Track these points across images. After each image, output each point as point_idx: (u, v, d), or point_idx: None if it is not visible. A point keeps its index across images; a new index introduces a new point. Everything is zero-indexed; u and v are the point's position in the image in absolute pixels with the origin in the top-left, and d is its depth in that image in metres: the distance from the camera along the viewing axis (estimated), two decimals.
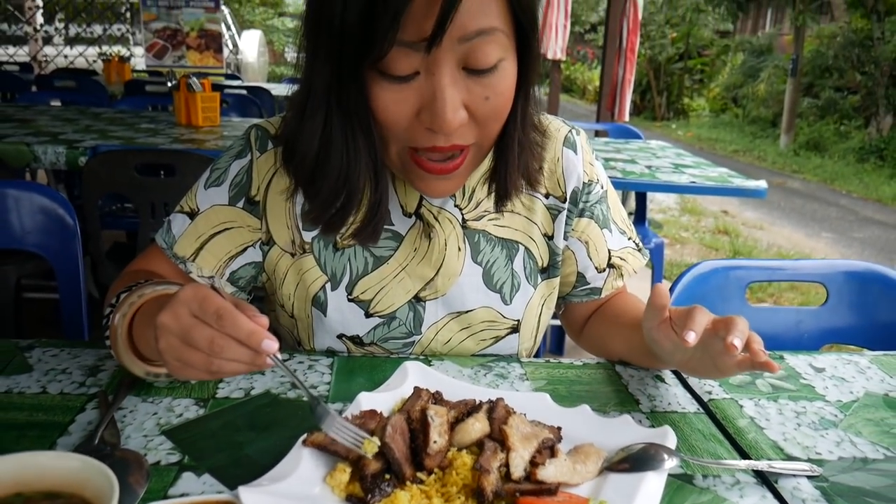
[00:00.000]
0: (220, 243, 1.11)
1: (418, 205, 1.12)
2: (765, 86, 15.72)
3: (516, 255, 1.17)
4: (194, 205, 1.12)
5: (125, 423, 0.89)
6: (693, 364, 0.97)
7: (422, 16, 0.83)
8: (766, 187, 2.83)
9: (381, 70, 0.88)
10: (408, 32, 0.84)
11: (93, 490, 0.67)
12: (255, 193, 1.11)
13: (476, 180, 1.14)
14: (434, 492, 0.76)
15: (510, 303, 1.17)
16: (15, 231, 1.71)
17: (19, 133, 2.95)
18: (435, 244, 1.13)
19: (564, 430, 0.89)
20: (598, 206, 1.22)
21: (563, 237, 1.20)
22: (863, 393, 1.09)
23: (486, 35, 0.88)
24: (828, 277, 1.49)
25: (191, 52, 7.82)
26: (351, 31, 0.85)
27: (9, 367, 1.01)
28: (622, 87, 4.66)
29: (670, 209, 8.22)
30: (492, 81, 0.91)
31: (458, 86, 0.89)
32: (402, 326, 1.15)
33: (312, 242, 1.13)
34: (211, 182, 1.13)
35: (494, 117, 0.95)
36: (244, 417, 0.92)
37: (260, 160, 1.11)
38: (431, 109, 0.89)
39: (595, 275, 1.24)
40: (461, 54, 0.88)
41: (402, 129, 0.93)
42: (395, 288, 1.13)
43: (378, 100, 0.90)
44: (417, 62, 0.87)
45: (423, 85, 0.89)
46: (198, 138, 3.08)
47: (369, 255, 1.13)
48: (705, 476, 0.85)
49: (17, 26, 10.32)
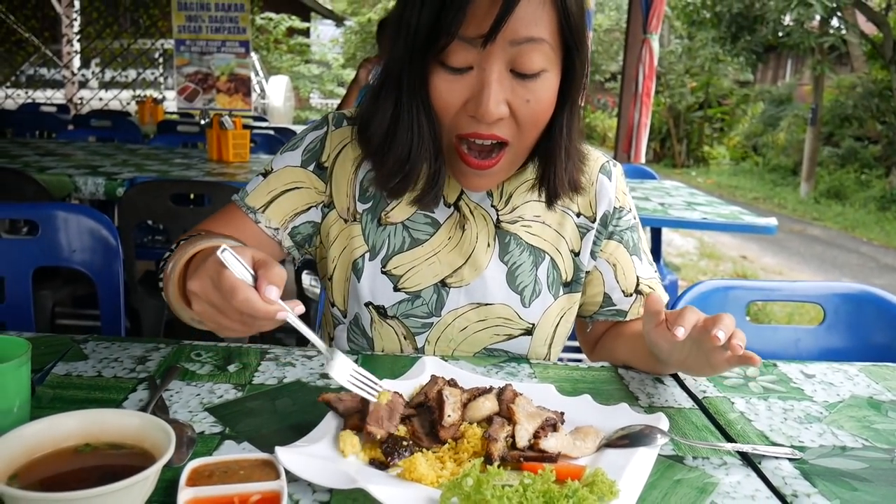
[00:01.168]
0: (290, 199, 1.25)
1: (458, 198, 1.25)
2: (785, 134, 15.80)
3: (542, 264, 1.28)
4: (269, 167, 1.28)
5: (172, 401, 1.00)
6: (690, 361, 1.07)
7: (482, 16, 1.00)
8: (776, 224, 2.91)
9: (443, 62, 1.05)
10: (469, 28, 1.01)
11: (151, 441, 0.77)
12: (325, 160, 1.26)
13: (515, 187, 1.27)
14: (448, 458, 0.85)
15: (528, 306, 1.27)
16: (63, 249, 1.83)
17: (61, 165, 3.12)
18: (467, 236, 1.25)
19: (567, 416, 0.98)
20: (629, 233, 1.32)
21: (591, 256, 1.31)
22: (849, 395, 1.17)
23: (534, 43, 1.03)
24: (824, 298, 1.57)
25: (220, 95, 8.09)
26: (424, 24, 1.03)
27: (67, 356, 1.13)
28: (638, 131, 4.79)
29: (689, 253, 8.27)
30: (534, 87, 1.06)
31: (503, 84, 1.05)
32: (424, 306, 1.25)
33: (363, 214, 1.26)
34: (287, 148, 1.29)
35: (533, 121, 1.09)
36: (279, 400, 1.02)
37: (334, 133, 1.27)
38: (478, 99, 1.05)
39: (621, 297, 1.32)
40: (510, 56, 1.04)
41: (450, 116, 1.09)
42: (425, 269, 1.25)
43: (435, 87, 1.07)
44: (472, 57, 1.04)
45: (474, 78, 1.05)
46: (228, 172, 3.22)
47: (407, 236, 1.25)
48: (695, 457, 0.93)
49: (55, 70, 10.71)
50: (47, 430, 0.77)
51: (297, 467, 0.79)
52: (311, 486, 0.80)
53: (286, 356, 1.18)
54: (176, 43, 8.01)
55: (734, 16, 13.49)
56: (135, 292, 2.83)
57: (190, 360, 1.14)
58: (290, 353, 1.19)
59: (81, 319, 3.84)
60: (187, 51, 8.02)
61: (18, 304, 1.78)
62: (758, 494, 0.85)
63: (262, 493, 0.75)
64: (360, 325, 1.28)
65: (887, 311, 1.56)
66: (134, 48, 10.36)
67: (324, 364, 1.05)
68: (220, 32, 7.97)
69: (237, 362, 1.14)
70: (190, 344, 1.20)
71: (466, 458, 0.85)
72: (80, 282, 2.79)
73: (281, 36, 16.44)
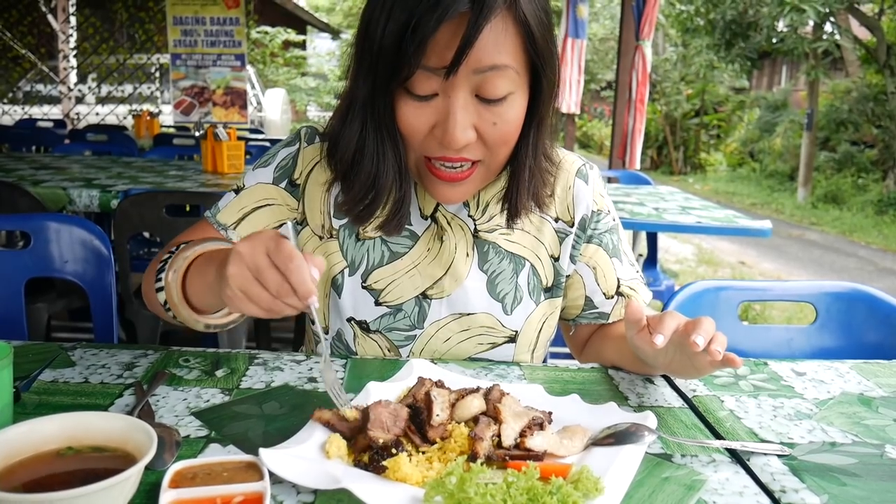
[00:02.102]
0: (260, 217, 1.25)
1: (434, 209, 1.25)
2: (781, 140, 15.84)
3: (522, 270, 1.27)
4: (241, 183, 1.27)
5: (159, 406, 0.99)
6: (675, 366, 1.07)
7: (443, 47, 0.99)
8: (771, 226, 2.91)
9: (408, 89, 1.04)
10: (431, 59, 1.00)
11: (134, 444, 0.77)
12: (298, 177, 1.26)
13: (491, 196, 1.26)
14: (436, 458, 0.85)
15: (510, 313, 1.27)
16: (55, 260, 1.83)
17: (55, 179, 3.12)
18: (446, 247, 1.24)
19: (555, 415, 0.98)
20: (608, 236, 1.32)
21: (571, 260, 1.30)
22: (840, 392, 1.16)
23: (498, 70, 1.03)
24: (816, 298, 1.57)
25: (216, 108, 8.10)
26: (386, 54, 1.02)
27: (54, 363, 1.12)
28: (633, 137, 4.81)
29: (687, 260, 8.28)
30: (500, 110, 1.06)
31: (468, 110, 1.04)
32: (406, 319, 1.25)
33: (339, 230, 1.26)
34: (259, 165, 1.28)
35: (502, 141, 1.09)
36: (266, 404, 1.02)
37: (306, 150, 1.26)
38: (444, 127, 1.04)
39: (603, 300, 1.32)
40: (475, 83, 1.03)
41: (418, 141, 1.08)
42: (406, 282, 1.24)
43: (402, 114, 1.06)
44: (437, 85, 1.03)
45: (440, 105, 1.05)
46: (223, 183, 3.23)
47: (386, 249, 1.24)
48: (683, 455, 0.93)
49: (52, 86, 10.74)
50: (29, 433, 0.76)
51: (280, 468, 0.79)
52: (295, 487, 0.80)
53: (274, 361, 1.17)
54: (172, 57, 8.02)
55: (728, 23, 13.54)
56: (130, 304, 2.83)
57: (178, 365, 1.14)
58: (279, 358, 1.19)
59: (78, 332, 3.83)
60: (183, 65, 8.03)
61: (11, 317, 1.78)
62: (746, 491, 0.84)
63: (245, 495, 0.75)
64: (343, 340, 1.27)
65: (879, 309, 1.55)
66: (130, 63, 10.39)
67: (319, 364, 1.06)
68: (215, 46, 7.99)
69: (225, 367, 1.14)
70: (178, 350, 1.20)
71: (454, 458, 0.85)
72: (76, 294, 2.79)
73: (277, 49, 16.48)
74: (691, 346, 0.95)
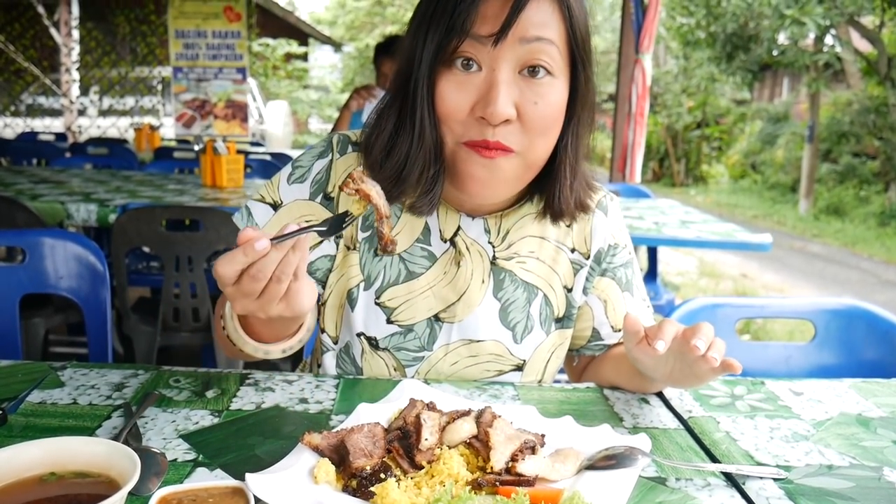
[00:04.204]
0: None
1: (455, 233, 1.23)
2: (783, 152, 15.83)
3: (534, 300, 1.26)
4: (277, 197, 1.24)
5: (147, 428, 0.98)
6: (675, 375, 1.06)
7: (493, 15, 1.03)
8: (771, 241, 2.90)
9: (452, 63, 1.06)
10: (481, 27, 1.04)
11: (118, 470, 0.75)
12: (332, 190, 1.24)
13: (513, 223, 1.25)
14: (424, 483, 0.84)
15: (520, 342, 1.25)
16: (50, 276, 1.82)
17: (54, 193, 3.11)
18: (462, 273, 1.23)
19: (547, 438, 0.96)
20: (622, 270, 1.31)
21: (583, 292, 1.29)
22: (837, 413, 1.15)
23: (543, 43, 1.05)
24: (815, 315, 1.55)
25: (218, 121, 8.14)
26: (437, 28, 1.05)
27: (43, 384, 1.11)
28: (633, 150, 4.80)
29: (688, 272, 8.26)
30: (542, 89, 1.07)
31: (512, 85, 1.06)
32: (416, 340, 1.23)
33: (361, 242, 1.24)
34: (294, 178, 1.25)
35: (540, 126, 1.08)
36: (255, 426, 1.01)
37: (339, 161, 1.24)
38: (486, 99, 1.05)
39: (610, 332, 1.31)
40: (520, 56, 1.05)
41: (458, 121, 1.08)
42: (419, 303, 1.23)
43: (443, 90, 1.07)
44: (483, 57, 1.06)
45: (483, 79, 1.06)
46: (222, 197, 3.22)
47: (403, 268, 1.23)
48: (678, 478, 0.91)
49: (54, 98, 10.77)
50: (11, 459, 0.75)
51: (267, 494, 0.77)
52: None
53: (266, 381, 1.16)
54: (173, 70, 8.07)
55: (729, 35, 13.56)
56: (127, 319, 2.82)
57: (168, 386, 1.13)
58: (271, 378, 1.17)
59: (75, 347, 3.82)
60: (185, 78, 8.07)
61: (5, 333, 1.77)
62: None
63: None
64: (350, 353, 1.26)
65: (878, 326, 1.54)
66: (132, 76, 10.44)
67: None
68: (217, 59, 8.03)
69: (216, 388, 1.13)
70: (169, 370, 1.19)
71: (439, 482, 0.83)
72: (73, 309, 2.78)
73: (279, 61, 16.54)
74: (692, 351, 0.95)
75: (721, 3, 12.58)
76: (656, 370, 1.06)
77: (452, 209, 1.23)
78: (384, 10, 23.99)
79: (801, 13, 10.84)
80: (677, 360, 1.03)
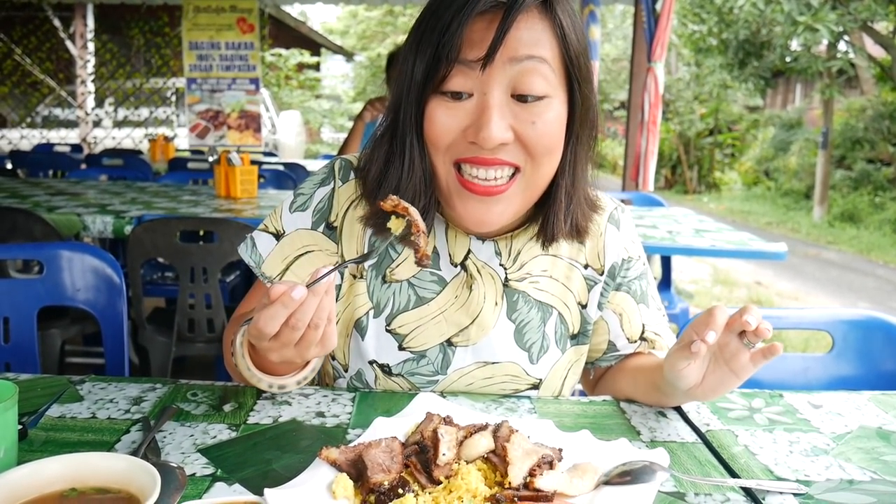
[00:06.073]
0: (303, 265, 1.23)
1: (465, 256, 1.22)
2: (796, 158, 15.75)
3: (549, 319, 1.25)
4: (280, 226, 1.24)
5: (165, 442, 0.99)
6: (708, 378, 1.04)
7: (479, 38, 1.02)
8: (786, 250, 2.88)
9: (442, 90, 1.04)
10: (468, 52, 1.02)
11: (138, 486, 0.76)
12: (334, 219, 1.23)
13: (523, 243, 1.24)
14: (442, 498, 0.84)
15: (536, 362, 1.24)
16: (67, 289, 1.83)
17: (70, 205, 3.14)
18: (475, 296, 1.21)
19: (565, 452, 0.96)
20: (637, 282, 1.30)
21: (598, 308, 1.28)
22: (857, 426, 1.14)
23: (535, 61, 1.03)
24: (832, 326, 1.54)
25: (231, 131, 8.18)
26: (425, 57, 1.04)
27: (63, 398, 1.12)
28: (646, 159, 4.79)
29: (702, 280, 8.22)
30: (539, 110, 1.05)
31: (504, 109, 1.04)
32: (430, 365, 1.22)
33: (368, 270, 1.23)
34: (296, 207, 1.25)
35: (544, 146, 1.07)
36: (272, 440, 1.01)
37: (341, 189, 1.24)
38: (477, 124, 1.03)
39: (626, 344, 1.30)
40: (511, 78, 1.03)
41: (447, 144, 1.07)
42: (431, 329, 1.22)
43: (432, 116, 1.06)
44: (473, 83, 1.04)
45: (474, 104, 1.04)
46: (236, 208, 3.24)
47: (413, 294, 1.22)
48: (697, 494, 0.91)
49: (69, 110, 10.88)
50: (32, 475, 0.76)
51: None
52: None
53: (282, 395, 1.16)
54: (187, 81, 8.12)
55: (741, 42, 13.53)
56: (143, 330, 2.84)
57: (186, 399, 1.13)
58: (287, 392, 1.18)
59: (91, 357, 3.84)
60: (198, 89, 8.12)
61: (23, 345, 1.78)
62: None
63: None
64: (362, 380, 1.25)
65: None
66: (146, 87, 10.52)
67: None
68: (230, 70, 8.08)
69: (233, 402, 1.13)
70: (187, 383, 1.20)
71: (457, 497, 0.83)
72: (90, 320, 2.79)
73: (291, 71, 16.62)
74: (744, 325, 0.95)
75: (733, 11, 12.54)
76: (689, 376, 1.03)
77: (461, 233, 1.22)
78: (396, 20, 24.09)
79: (814, 20, 10.79)
80: (712, 360, 1.03)
